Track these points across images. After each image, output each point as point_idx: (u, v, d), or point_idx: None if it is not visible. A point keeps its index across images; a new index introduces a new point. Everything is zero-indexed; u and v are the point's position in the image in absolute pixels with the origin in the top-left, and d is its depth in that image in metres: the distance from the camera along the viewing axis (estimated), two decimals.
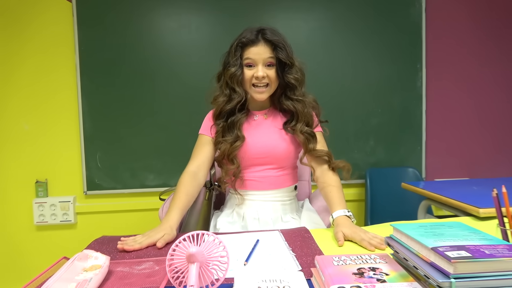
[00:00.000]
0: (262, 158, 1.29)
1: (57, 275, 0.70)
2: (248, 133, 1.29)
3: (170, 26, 2.32)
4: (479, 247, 0.58)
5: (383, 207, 2.38)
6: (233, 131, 1.26)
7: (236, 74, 1.23)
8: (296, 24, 2.38)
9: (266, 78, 1.24)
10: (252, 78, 1.24)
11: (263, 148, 1.28)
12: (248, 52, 1.23)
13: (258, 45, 1.22)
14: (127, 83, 2.31)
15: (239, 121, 1.27)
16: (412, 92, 2.48)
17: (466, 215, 1.31)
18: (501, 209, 0.75)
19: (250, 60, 1.23)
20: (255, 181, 1.30)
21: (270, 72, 1.23)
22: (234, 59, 1.23)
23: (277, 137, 1.30)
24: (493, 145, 2.59)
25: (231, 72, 1.23)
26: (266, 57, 1.22)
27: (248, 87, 1.26)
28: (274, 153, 1.29)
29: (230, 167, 1.26)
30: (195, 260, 0.66)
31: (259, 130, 1.31)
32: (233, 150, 1.24)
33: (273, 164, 1.30)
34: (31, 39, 2.28)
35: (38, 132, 2.32)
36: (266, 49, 1.22)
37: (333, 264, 0.71)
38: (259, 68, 1.22)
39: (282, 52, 1.23)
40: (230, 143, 1.24)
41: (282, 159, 1.30)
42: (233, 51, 1.24)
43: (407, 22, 2.45)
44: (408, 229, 0.71)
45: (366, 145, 2.47)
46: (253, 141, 1.28)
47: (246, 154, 1.28)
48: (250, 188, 1.30)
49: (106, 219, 2.39)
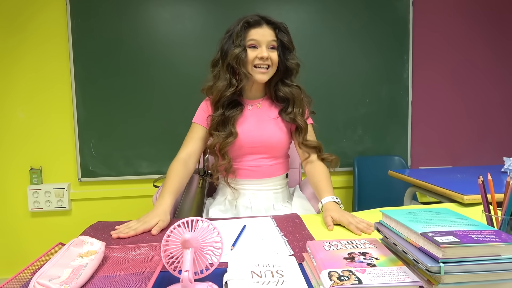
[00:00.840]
0: (255, 147, 1.30)
1: (53, 261, 0.70)
2: (241, 123, 1.29)
3: (164, 16, 2.31)
4: (466, 232, 0.60)
5: (370, 193, 2.44)
6: (226, 126, 1.26)
7: (241, 55, 1.22)
8: (287, 15, 2.38)
9: (269, 60, 1.24)
10: (255, 59, 1.23)
11: (257, 137, 1.29)
12: (252, 33, 1.23)
13: (263, 27, 1.23)
14: (120, 72, 2.30)
15: (233, 116, 1.27)
16: (399, 83, 2.53)
17: (451, 201, 1.35)
18: (486, 196, 0.78)
19: (254, 41, 1.23)
20: (248, 170, 1.31)
21: (272, 55, 1.24)
22: (238, 40, 1.22)
23: (271, 126, 1.31)
24: (477, 135, 2.65)
25: (235, 53, 1.21)
26: (270, 40, 1.23)
27: (250, 69, 1.25)
28: (267, 142, 1.30)
29: (221, 163, 1.26)
30: (190, 245, 0.67)
31: (253, 120, 1.31)
32: (225, 145, 1.24)
33: (267, 153, 1.31)
34: (25, 30, 2.26)
35: (33, 120, 2.31)
36: (270, 31, 1.24)
37: (324, 249, 0.72)
38: (263, 49, 1.22)
39: (285, 35, 1.25)
40: (223, 138, 1.24)
41: (275, 148, 1.31)
42: (237, 32, 1.22)
43: (395, 15, 2.49)
44: (397, 215, 0.73)
45: (354, 134, 2.51)
46: (246, 130, 1.29)
47: (239, 144, 1.28)
48: (243, 177, 1.31)
49: (101, 205, 2.40)
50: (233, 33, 1.24)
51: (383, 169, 2.27)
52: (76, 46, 2.26)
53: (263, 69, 1.25)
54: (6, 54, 2.26)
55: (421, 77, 2.56)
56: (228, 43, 1.25)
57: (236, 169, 1.31)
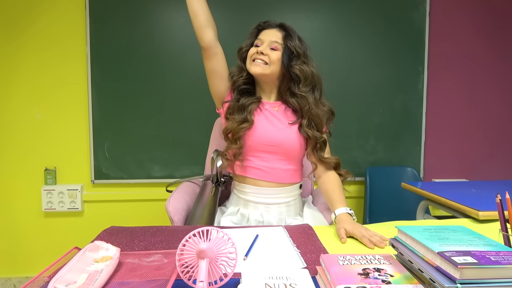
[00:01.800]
0: (271, 147, 1.29)
1: (69, 266, 0.71)
2: (259, 119, 1.31)
3: (179, 21, 2.33)
4: (484, 253, 0.60)
5: (381, 204, 2.41)
6: (242, 113, 1.29)
7: (242, 49, 1.35)
8: (301, 23, 2.38)
9: (267, 57, 1.27)
10: (254, 54, 1.29)
11: (273, 137, 1.29)
12: (261, 34, 1.32)
13: (273, 29, 1.32)
14: (136, 76, 2.33)
15: (250, 105, 1.30)
16: (413, 94, 2.50)
17: (465, 216, 1.33)
18: (504, 215, 0.77)
19: (258, 40, 1.31)
20: (262, 170, 1.30)
21: (272, 53, 1.28)
22: (250, 38, 1.35)
23: (288, 129, 1.31)
24: (491, 148, 2.62)
25: (240, 47, 1.35)
26: (273, 40, 1.29)
27: (248, 63, 1.31)
28: (284, 144, 1.30)
29: (233, 146, 1.28)
30: (205, 256, 0.68)
31: (271, 119, 1.32)
32: (239, 130, 1.26)
33: (282, 155, 1.31)
34: (43, 30, 2.29)
35: (49, 121, 2.35)
36: (278, 34, 1.30)
37: (339, 263, 0.72)
38: (263, 47, 1.29)
39: (291, 40, 1.29)
40: (238, 123, 1.27)
41: (291, 151, 1.31)
42: (252, 31, 1.35)
43: (411, 26, 2.47)
44: (413, 231, 0.72)
45: (367, 143, 2.49)
46: (263, 127, 1.30)
47: (255, 138, 1.29)
48: (256, 176, 1.31)
49: (112, 207, 2.42)
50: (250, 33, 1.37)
51: (395, 180, 2.25)
52: (94, 49, 2.29)
53: (258, 61, 1.28)
54: (19, 49, 2.29)
55: (436, 88, 2.54)
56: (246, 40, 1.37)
57: (250, 167, 1.31)
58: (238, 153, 1.28)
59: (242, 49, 1.35)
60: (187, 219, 1.34)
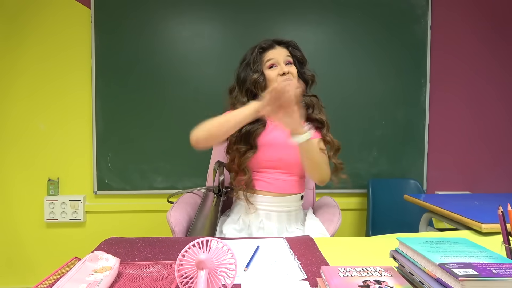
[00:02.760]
0: (273, 162, 1.31)
1: (69, 276, 0.71)
2: (263, 137, 1.31)
3: (183, 35, 2.37)
4: (485, 265, 0.59)
5: (384, 217, 2.40)
6: (247, 141, 1.28)
7: (260, 79, 1.28)
8: (305, 36, 2.41)
9: (290, 75, 1.29)
10: (277, 77, 1.28)
11: (275, 153, 1.30)
12: (268, 55, 1.31)
13: (276, 48, 1.32)
14: (140, 87, 2.35)
15: (256, 131, 1.29)
16: (416, 106, 2.51)
17: (468, 229, 1.32)
18: (506, 227, 0.77)
19: (272, 61, 1.30)
20: (265, 182, 1.32)
21: (291, 69, 1.31)
22: (255, 66, 1.28)
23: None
24: (494, 160, 2.60)
25: (254, 78, 1.27)
26: (286, 56, 1.31)
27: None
28: (286, 159, 1.30)
29: (242, 178, 1.28)
30: (204, 266, 0.67)
31: (274, 135, 1.32)
32: (244, 160, 1.26)
33: (284, 169, 1.32)
34: (48, 40, 2.33)
35: (52, 131, 2.36)
36: (283, 50, 1.33)
37: (339, 275, 0.71)
38: (282, 66, 1.29)
39: (297, 51, 1.35)
40: (241, 154, 1.26)
41: (293, 165, 1.32)
42: (254, 58, 1.29)
43: (413, 38, 2.49)
44: (414, 243, 0.72)
45: (369, 155, 2.49)
46: (266, 145, 1.30)
47: (257, 158, 1.29)
48: (259, 188, 1.31)
49: (115, 218, 2.42)
50: (249, 60, 1.30)
51: (398, 192, 2.24)
52: (98, 60, 2.32)
53: (288, 78, 1.28)
54: (23, 58, 2.31)
55: (438, 100, 2.54)
56: (245, 71, 1.31)
57: (253, 179, 1.32)
58: (249, 181, 1.29)
59: (259, 80, 1.27)
60: (188, 230, 1.34)
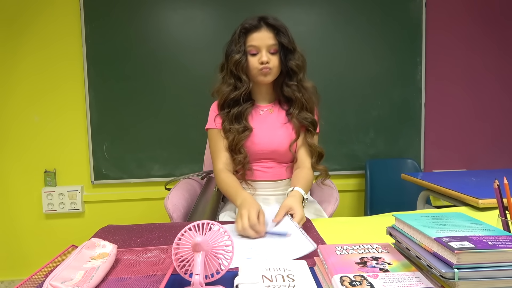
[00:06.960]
0: (266, 153, 1.30)
1: (66, 263, 0.71)
2: (254, 127, 1.29)
3: (175, 20, 2.33)
4: (481, 237, 0.59)
5: (382, 197, 2.41)
6: (240, 121, 1.26)
7: (241, 61, 1.23)
8: (298, 17, 2.38)
9: (271, 63, 1.23)
10: (258, 65, 1.23)
11: (268, 144, 1.29)
12: (251, 38, 1.23)
13: (261, 30, 1.23)
14: (133, 75, 2.32)
15: (245, 111, 1.27)
16: (412, 85, 2.50)
17: (465, 205, 1.33)
18: (502, 200, 0.77)
19: (254, 48, 1.23)
20: (260, 171, 1.32)
21: (273, 58, 1.24)
22: (238, 46, 1.23)
23: (282, 133, 1.30)
24: (492, 137, 2.61)
25: (235, 59, 1.22)
26: (270, 44, 1.23)
27: (254, 74, 1.26)
28: (278, 150, 1.30)
29: (238, 157, 1.26)
30: (201, 249, 0.67)
31: (265, 125, 1.31)
32: (241, 139, 1.24)
33: (276, 159, 1.32)
34: (39, 31, 2.29)
35: (47, 122, 2.35)
36: (269, 34, 1.23)
37: (336, 253, 0.72)
38: (263, 54, 1.22)
39: (284, 37, 1.24)
40: (238, 132, 1.25)
41: (285, 155, 1.32)
42: (237, 38, 1.24)
43: (407, 17, 2.46)
44: (410, 219, 0.72)
45: (366, 136, 2.48)
46: (259, 136, 1.29)
47: (251, 148, 1.28)
48: (254, 177, 1.32)
49: (113, 207, 2.42)
50: (233, 38, 1.25)
51: (395, 172, 2.24)
52: (90, 49, 2.28)
53: (266, 71, 1.24)
54: (15, 51, 2.28)
55: (434, 79, 2.52)
56: (230, 48, 1.26)
57: (252, 170, 1.31)
58: (245, 162, 1.26)
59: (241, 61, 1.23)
60: (186, 216, 1.34)
